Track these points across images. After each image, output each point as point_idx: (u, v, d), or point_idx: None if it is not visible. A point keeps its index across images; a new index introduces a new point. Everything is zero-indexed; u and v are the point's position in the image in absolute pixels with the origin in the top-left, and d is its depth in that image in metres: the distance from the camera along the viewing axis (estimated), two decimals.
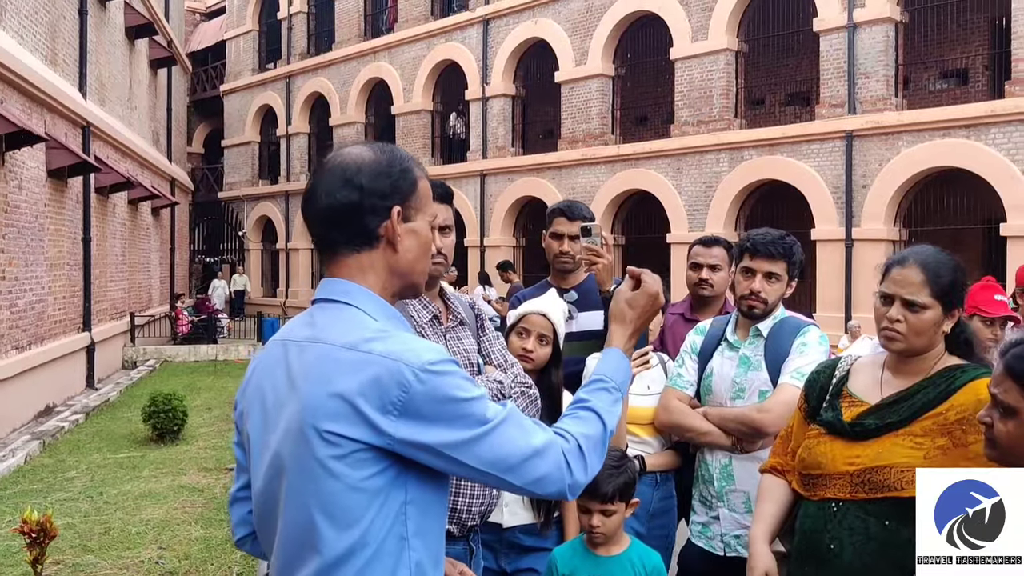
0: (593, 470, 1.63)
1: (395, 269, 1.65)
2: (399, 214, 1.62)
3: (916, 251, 2.26)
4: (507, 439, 1.54)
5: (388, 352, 1.50)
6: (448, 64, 22.13)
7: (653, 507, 3.21)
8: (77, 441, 9.52)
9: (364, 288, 1.63)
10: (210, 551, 5.69)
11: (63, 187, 12.18)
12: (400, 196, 1.63)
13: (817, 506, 2.25)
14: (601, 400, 1.71)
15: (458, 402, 1.51)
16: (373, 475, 1.49)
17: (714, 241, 3.77)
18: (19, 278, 10.27)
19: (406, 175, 1.64)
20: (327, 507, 1.50)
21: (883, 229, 14.52)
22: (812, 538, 2.24)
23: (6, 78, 9.76)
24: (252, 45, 29.30)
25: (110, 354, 15.22)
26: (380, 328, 1.56)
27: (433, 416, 1.49)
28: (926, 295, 2.17)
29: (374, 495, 1.50)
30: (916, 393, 2.21)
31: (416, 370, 1.48)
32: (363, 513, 1.49)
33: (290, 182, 27.17)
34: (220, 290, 25.79)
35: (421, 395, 1.48)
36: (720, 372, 3.08)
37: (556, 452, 1.57)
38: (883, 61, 14.69)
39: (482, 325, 2.65)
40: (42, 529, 4.55)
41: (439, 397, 1.49)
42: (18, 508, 6.25)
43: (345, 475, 1.48)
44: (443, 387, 1.50)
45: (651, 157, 17.77)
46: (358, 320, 1.58)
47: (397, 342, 1.53)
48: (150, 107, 20.38)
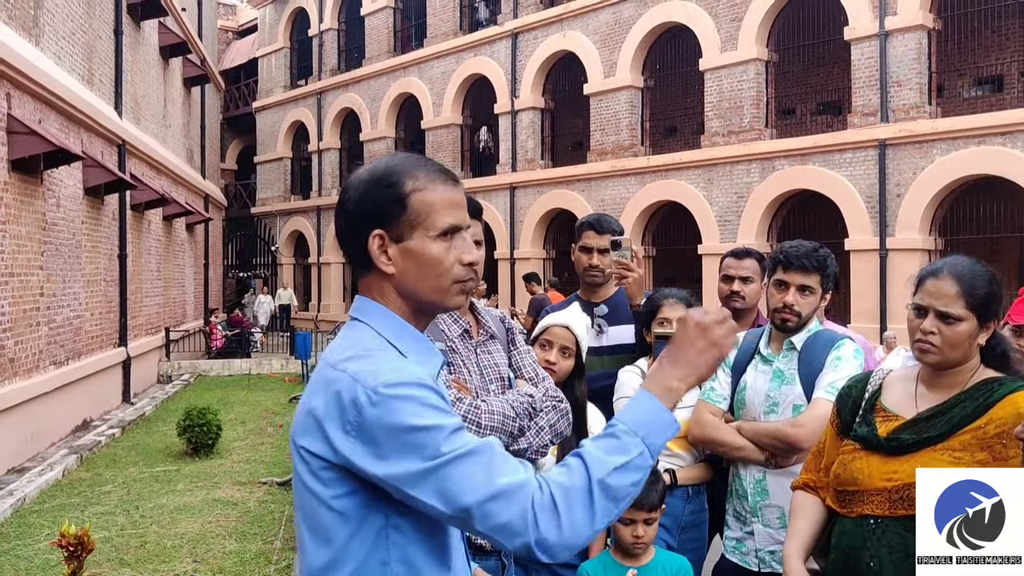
0: (575, 529, 1.41)
1: (401, 291, 1.58)
2: (382, 238, 1.55)
3: (951, 262, 2.22)
4: (464, 475, 1.40)
5: (355, 371, 1.46)
6: (477, 78, 22.24)
7: (684, 520, 3.18)
8: (114, 455, 9.63)
9: (379, 305, 1.59)
10: (244, 565, 5.73)
11: (100, 204, 12.38)
12: (384, 219, 1.54)
13: (854, 523, 2.22)
14: (598, 446, 1.47)
15: (410, 430, 1.41)
16: (342, 495, 1.47)
17: (745, 253, 3.73)
18: (57, 294, 10.43)
19: (393, 188, 1.55)
20: (308, 521, 1.52)
21: (918, 239, 14.33)
22: (850, 555, 2.21)
23: (45, 98, 9.95)
24: (284, 62, 29.65)
25: (145, 369, 15.41)
26: (371, 346, 1.53)
27: (384, 443, 1.41)
28: (961, 307, 2.13)
29: (347, 516, 1.48)
30: (953, 407, 2.17)
31: (369, 391, 1.42)
32: (336, 533, 1.48)
33: (322, 197, 27.41)
34: (266, 305, 25.71)
35: (373, 418, 1.42)
36: (754, 386, 3.06)
37: (523, 500, 1.39)
38: (916, 69, 14.53)
39: (512, 339, 2.65)
40: (80, 543, 4.61)
41: (389, 423, 1.41)
42: (56, 522, 6.34)
43: (318, 491, 1.48)
44: (395, 412, 1.41)
45: (681, 168, 17.71)
46: (361, 337, 1.56)
47: (370, 362, 1.48)
48: (184, 124, 20.67)
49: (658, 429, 1.49)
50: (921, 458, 2.14)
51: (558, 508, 1.39)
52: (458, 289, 1.59)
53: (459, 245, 1.58)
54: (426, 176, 1.56)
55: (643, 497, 2.57)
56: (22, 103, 9.32)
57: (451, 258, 1.56)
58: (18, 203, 9.11)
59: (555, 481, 1.42)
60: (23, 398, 9.08)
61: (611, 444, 1.46)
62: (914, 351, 2.22)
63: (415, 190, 1.55)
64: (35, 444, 9.54)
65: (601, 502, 1.42)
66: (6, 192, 8.77)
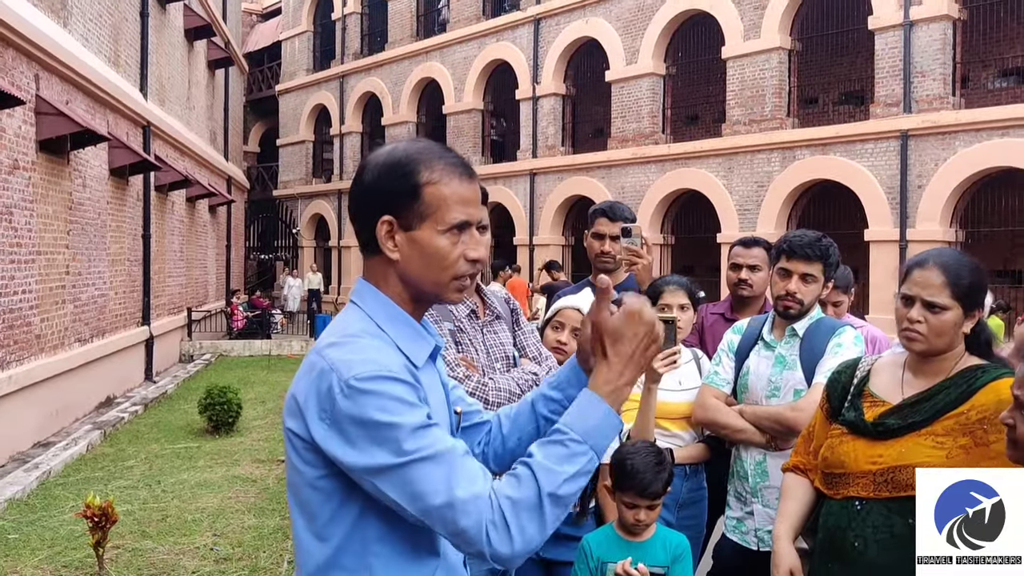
0: (527, 540, 1.42)
1: (402, 277, 1.59)
2: (391, 224, 1.55)
3: (936, 253, 2.29)
4: (425, 477, 1.42)
5: (332, 360, 1.48)
6: (499, 64, 22.26)
7: (683, 498, 3.27)
8: (136, 431, 9.82)
9: (375, 290, 1.61)
10: (263, 539, 5.87)
11: (124, 185, 12.56)
12: (395, 206, 1.55)
13: (840, 504, 2.30)
14: (548, 455, 1.45)
15: (376, 425, 1.42)
16: (323, 476, 1.52)
17: (754, 242, 3.80)
18: (82, 273, 10.62)
19: (406, 179, 1.54)
20: (295, 496, 1.58)
21: (939, 230, 14.27)
22: (836, 536, 2.29)
23: (72, 80, 10.11)
24: (307, 46, 29.77)
25: (168, 348, 15.64)
26: (356, 331, 1.55)
27: (353, 435, 1.44)
28: (946, 296, 2.19)
29: (329, 495, 1.52)
30: (937, 393, 2.24)
31: (342, 383, 1.45)
32: (319, 510, 1.54)
33: (343, 181, 27.56)
34: (295, 288, 25.40)
35: (343, 410, 1.44)
36: (756, 371, 3.14)
37: (477, 513, 1.40)
38: (940, 59, 14.43)
39: (517, 320, 2.74)
40: (104, 514, 4.77)
41: (357, 417, 1.43)
42: (80, 494, 6.50)
43: (303, 470, 1.54)
44: (364, 406, 1.43)
45: (702, 156, 17.69)
46: (349, 321, 1.59)
47: (348, 351, 1.50)
48: (208, 107, 20.84)
49: (606, 433, 1.49)
50: (905, 443, 2.22)
51: (508, 524, 1.41)
52: (457, 286, 1.60)
53: (466, 240, 1.57)
54: (443, 169, 1.55)
55: (648, 486, 2.67)
56: (50, 84, 9.47)
57: (456, 253, 1.56)
58: (45, 183, 9.28)
59: (505, 495, 1.42)
60: (48, 374, 9.28)
61: (561, 453, 1.45)
62: (901, 339, 2.29)
63: (429, 182, 1.54)
64: (60, 419, 9.75)
65: (551, 512, 1.43)
66: (34, 172, 8.94)
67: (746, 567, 3.08)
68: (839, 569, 2.27)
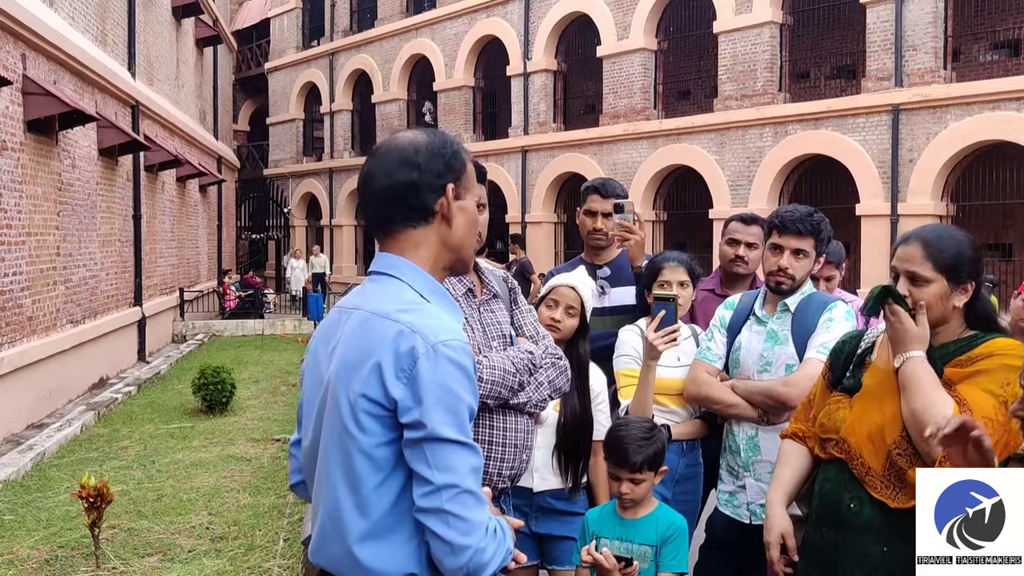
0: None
1: (447, 243, 1.74)
2: (453, 191, 1.72)
3: (920, 229, 2.33)
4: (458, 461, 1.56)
5: (412, 323, 1.59)
6: (490, 40, 22.11)
7: (679, 473, 3.30)
8: (130, 412, 9.83)
9: (410, 262, 1.72)
10: (258, 518, 5.89)
11: (114, 165, 12.48)
12: (453, 175, 1.73)
13: (837, 468, 2.33)
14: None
15: (450, 394, 1.56)
16: (380, 444, 1.59)
17: (753, 219, 3.82)
18: (73, 254, 10.58)
19: (457, 156, 1.75)
20: (343, 465, 1.63)
21: (930, 204, 14.29)
22: (831, 498, 2.32)
23: (59, 59, 10.02)
24: (296, 23, 29.53)
25: (160, 328, 15.62)
26: (415, 300, 1.66)
27: (425, 394, 1.55)
28: (928, 269, 2.22)
29: (379, 464, 1.60)
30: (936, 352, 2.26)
31: (428, 345, 1.56)
32: (366, 480, 1.60)
33: (334, 159, 27.43)
34: (299, 271, 24.14)
35: (426, 370, 1.55)
36: (748, 346, 3.15)
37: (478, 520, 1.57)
38: (931, 33, 14.39)
39: (515, 298, 2.75)
40: (99, 494, 4.77)
41: (438, 381, 1.56)
42: (75, 475, 6.52)
43: (358, 437, 1.59)
44: (446, 372, 1.56)
45: (694, 132, 17.65)
46: (398, 291, 1.68)
47: (425, 315, 1.62)
48: (197, 86, 20.70)
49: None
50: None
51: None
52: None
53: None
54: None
55: (629, 457, 2.68)
56: (37, 64, 9.39)
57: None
58: (34, 163, 9.22)
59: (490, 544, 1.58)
60: (41, 356, 9.26)
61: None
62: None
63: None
64: (53, 401, 9.75)
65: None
66: (22, 153, 8.88)
67: (738, 540, 3.11)
68: (834, 533, 2.30)
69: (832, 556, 2.30)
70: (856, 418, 2.31)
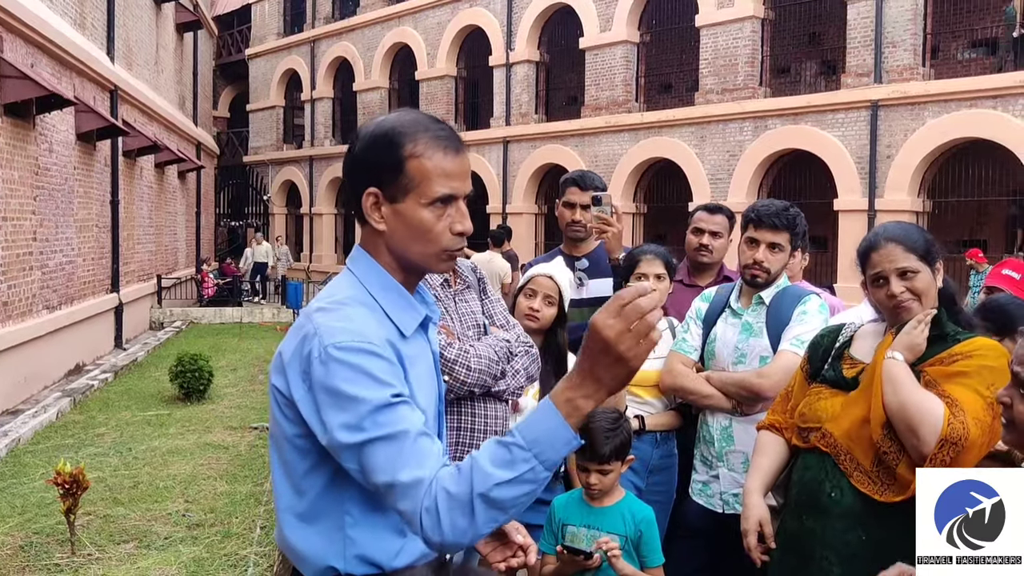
0: (457, 533, 1.41)
1: (390, 248, 1.61)
2: (376, 196, 1.58)
3: (881, 231, 2.38)
4: (378, 456, 1.45)
5: (318, 324, 1.53)
6: (472, 29, 22.06)
7: (653, 464, 3.33)
8: (106, 399, 9.77)
9: (369, 257, 1.64)
10: (235, 505, 5.89)
11: (92, 150, 12.37)
12: (380, 178, 1.57)
13: (817, 457, 2.38)
14: (490, 456, 1.41)
15: (342, 396, 1.47)
16: (300, 435, 1.57)
17: (717, 208, 3.87)
18: (49, 239, 10.49)
19: (390, 153, 1.56)
20: (277, 452, 1.64)
21: (907, 200, 14.44)
22: (812, 487, 2.37)
23: (36, 42, 9.91)
24: (277, 9, 29.32)
25: (138, 315, 15.51)
26: (346, 298, 1.58)
27: (322, 400, 1.49)
28: (914, 260, 2.30)
29: (305, 454, 1.58)
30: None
31: (320, 348, 1.49)
32: (297, 466, 1.60)
33: (314, 147, 27.30)
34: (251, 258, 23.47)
35: (318, 375, 1.49)
36: (723, 338, 3.19)
37: (415, 497, 1.42)
38: (911, 30, 14.51)
39: (484, 288, 2.78)
40: (75, 481, 4.76)
41: (328, 385, 1.48)
42: (51, 462, 6.48)
43: (284, 427, 1.60)
44: (335, 375, 1.47)
45: (675, 125, 17.71)
46: (342, 287, 1.63)
47: (335, 316, 1.53)
48: (176, 71, 20.52)
49: (555, 446, 1.40)
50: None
51: (440, 514, 1.41)
52: (445, 257, 1.61)
53: (452, 214, 1.58)
54: (427, 142, 1.56)
55: (594, 451, 2.69)
56: (14, 47, 9.29)
57: (441, 226, 1.57)
58: (11, 147, 9.13)
59: (442, 487, 1.42)
60: (16, 341, 9.18)
61: (503, 457, 1.40)
62: (894, 316, 2.34)
63: (413, 155, 1.55)
64: (29, 387, 9.67)
65: (483, 512, 1.40)
66: None
67: (711, 529, 3.16)
68: (813, 520, 2.34)
69: (809, 543, 2.34)
70: (842, 413, 2.35)
